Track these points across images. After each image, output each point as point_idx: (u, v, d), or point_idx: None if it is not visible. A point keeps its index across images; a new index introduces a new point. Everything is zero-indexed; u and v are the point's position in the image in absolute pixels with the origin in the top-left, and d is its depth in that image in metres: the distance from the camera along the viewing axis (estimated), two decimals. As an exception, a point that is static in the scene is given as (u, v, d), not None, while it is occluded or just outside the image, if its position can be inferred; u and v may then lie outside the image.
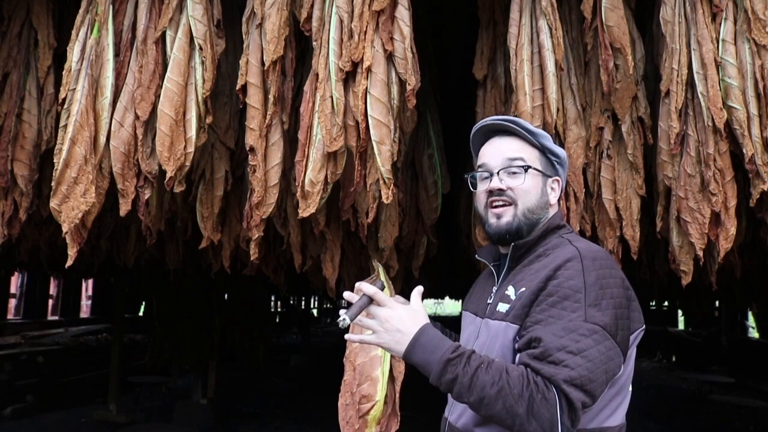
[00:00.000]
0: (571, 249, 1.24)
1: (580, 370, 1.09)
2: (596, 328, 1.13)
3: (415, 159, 2.73)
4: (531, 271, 1.27)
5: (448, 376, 1.13)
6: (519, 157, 1.34)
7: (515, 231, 1.32)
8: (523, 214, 1.32)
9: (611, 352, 1.14)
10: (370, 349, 1.47)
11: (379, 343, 1.21)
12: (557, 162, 1.40)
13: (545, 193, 1.36)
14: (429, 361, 1.15)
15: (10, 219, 2.34)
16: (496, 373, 1.11)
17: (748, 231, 2.46)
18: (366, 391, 1.41)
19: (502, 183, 1.33)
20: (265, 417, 7.36)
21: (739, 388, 8.56)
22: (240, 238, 2.55)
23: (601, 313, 1.15)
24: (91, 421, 6.79)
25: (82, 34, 1.94)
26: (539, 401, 1.08)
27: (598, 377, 1.12)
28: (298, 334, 15.01)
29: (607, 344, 1.14)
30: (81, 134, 1.85)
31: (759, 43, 1.81)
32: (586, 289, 1.17)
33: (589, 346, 1.12)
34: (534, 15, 1.99)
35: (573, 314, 1.14)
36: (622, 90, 2.04)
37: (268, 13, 1.92)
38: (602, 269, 1.21)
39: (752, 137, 1.81)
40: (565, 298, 1.17)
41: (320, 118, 1.83)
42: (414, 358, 1.17)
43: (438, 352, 1.15)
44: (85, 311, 12.52)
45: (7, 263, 6.35)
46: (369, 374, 1.43)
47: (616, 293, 1.19)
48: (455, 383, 1.12)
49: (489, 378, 1.10)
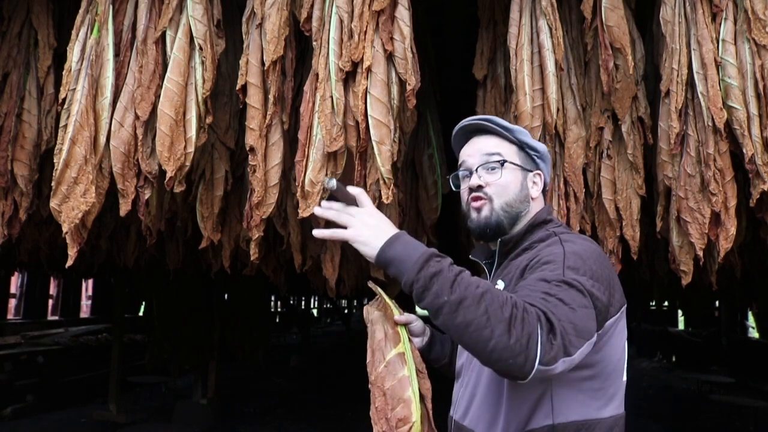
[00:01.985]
0: (555, 239, 1.25)
1: (559, 310, 1.04)
2: (575, 282, 1.09)
3: (415, 159, 2.74)
4: (517, 263, 1.28)
5: (430, 269, 1.04)
6: (495, 152, 1.36)
7: (495, 225, 1.33)
8: (501, 208, 1.33)
9: (588, 311, 1.08)
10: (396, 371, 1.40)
11: (355, 236, 1.14)
12: (537, 156, 1.41)
13: (525, 187, 1.36)
14: (409, 255, 1.08)
15: (10, 219, 2.34)
16: (481, 281, 1.05)
17: (748, 231, 2.45)
18: (401, 414, 1.36)
19: (480, 179, 1.34)
20: (265, 417, 7.36)
21: (739, 388, 8.56)
22: (240, 238, 2.55)
23: (579, 276, 1.11)
24: (91, 421, 6.79)
25: (82, 34, 1.94)
26: (520, 315, 1.00)
27: (580, 323, 1.05)
28: (298, 334, 15.01)
29: (584, 301, 1.08)
30: (81, 134, 1.85)
31: (759, 43, 1.81)
32: (565, 255, 1.16)
33: (568, 297, 1.06)
34: (534, 15, 2.00)
35: (552, 272, 1.12)
36: (622, 90, 2.04)
37: (268, 13, 1.92)
38: (582, 249, 1.20)
39: (752, 137, 1.81)
40: (545, 263, 1.16)
41: (320, 118, 1.83)
42: (391, 252, 1.10)
43: (421, 248, 1.09)
44: (85, 311, 12.51)
45: (7, 263, 6.34)
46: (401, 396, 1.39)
47: (595, 268, 1.16)
48: (437, 277, 1.03)
49: (474, 280, 1.05)
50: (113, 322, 7.80)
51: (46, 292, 10.90)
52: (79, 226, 1.90)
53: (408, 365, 1.42)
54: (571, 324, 1.03)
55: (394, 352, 1.40)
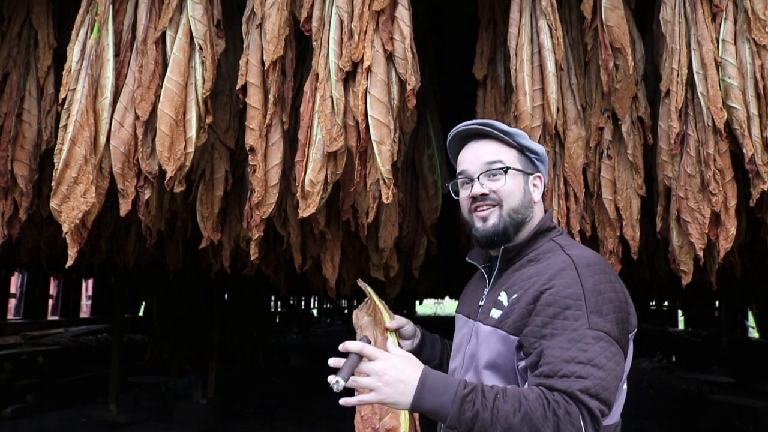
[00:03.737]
0: (564, 257, 1.24)
1: (593, 379, 1.09)
2: (601, 335, 1.13)
3: (415, 159, 2.74)
4: (523, 276, 1.27)
5: (467, 414, 1.07)
6: (497, 160, 1.34)
7: (502, 232, 1.32)
8: (509, 214, 1.32)
9: (617, 357, 1.14)
10: None
11: (382, 399, 1.11)
12: (536, 159, 1.39)
13: (528, 192, 1.35)
14: (442, 404, 1.09)
15: (10, 219, 2.34)
16: (515, 400, 1.08)
17: (748, 231, 2.45)
18: (389, 424, 1.38)
19: (483, 187, 1.33)
20: (265, 417, 7.36)
21: (739, 388, 8.56)
22: (240, 238, 2.55)
23: (603, 319, 1.14)
24: (91, 421, 6.79)
25: (82, 34, 1.94)
26: (563, 418, 1.06)
27: (611, 384, 1.11)
28: (298, 334, 15.01)
29: (613, 350, 1.13)
30: (81, 134, 1.85)
31: (759, 43, 1.81)
32: (585, 296, 1.16)
33: (597, 354, 1.11)
34: (534, 15, 1.99)
35: (576, 323, 1.13)
36: (622, 90, 2.04)
37: (268, 13, 1.92)
38: (597, 275, 1.20)
39: (752, 137, 1.81)
40: (566, 308, 1.15)
41: (320, 118, 1.83)
42: (425, 405, 1.10)
43: (449, 391, 1.09)
44: (85, 311, 12.51)
45: (7, 263, 6.35)
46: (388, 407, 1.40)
47: (614, 297, 1.19)
48: (476, 420, 1.07)
49: (509, 407, 1.07)
50: (113, 322, 7.80)
51: (46, 292, 10.91)
52: (79, 226, 1.90)
53: None
54: (608, 390, 1.10)
55: None
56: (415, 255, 2.81)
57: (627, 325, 1.20)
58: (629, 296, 1.25)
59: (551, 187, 2.15)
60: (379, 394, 1.11)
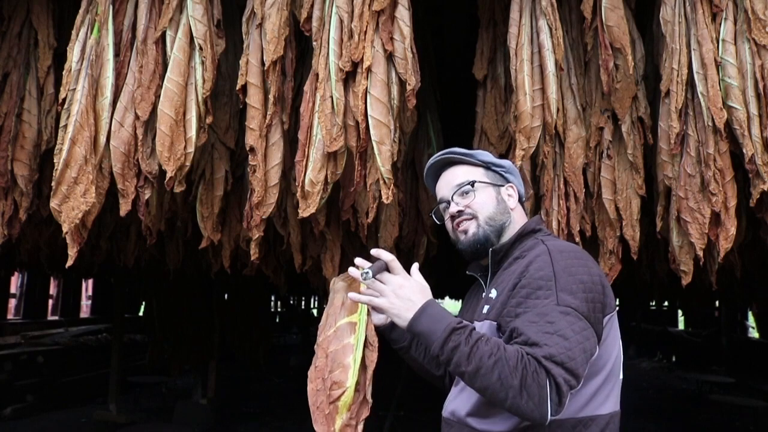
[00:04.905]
0: (542, 247, 1.33)
1: (558, 348, 1.15)
2: (568, 310, 1.20)
3: (415, 159, 2.74)
4: (509, 272, 1.36)
5: (450, 344, 1.18)
6: (465, 180, 1.46)
7: (483, 240, 1.42)
8: (486, 222, 1.43)
9: (586, 332, 1.20)
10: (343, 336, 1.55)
11: (389, 307, 1.27)
12: (504, 171, 1.51)
13: (501, 201, 1.47)
14: (434, 329, 1.21)
15: (10, 219, 2.34)
16: (494, 345, 1.17)
17: (748, 231, 2.45)
18: (337, 377, 1.46)
19: (459, 205, 1.45)
20: (265, 417, 7.36)
21: (739, 388, 8.56)
22: (240, 238, 2.55)
23: (572, 297, 1.22)
24: (91, 421, 6.79)
25: (82, 34, 1.94)
26: (531, 374, 1.13)
27: (577, 355, 1.17)
28: (298, 334, 15.00)
29: (581, 324, 1.20)
30: (81, 134, 1.85)
31: (759, 43, 1.81)
32: (555, 277, 1.24)
33: (564, 326, 1.18)
34: (534, 15, 1.99)
35: (546, 300, 1.22)
36: (622, 90, 2.04)
37: (268, 13, 1.92)
38: (570, 259, 1.28)
39: (752, 137, 1.81)
40: (538, 288, 1.24)
41: (320, 118, 1.83)
42: (419, 326, 1.24)
43: (444, 321, 1.22)
44: (85, 311, 12.50)
45: (7, 263, 6.35)
46: (341, 361, 1.49)
47: (587, 279, 1.25)
48: (456, 351, 1.18)
49: (488, 348, 1.16)
50: (113, 322, 7.80)
51: (46, 292, 10.89)
52: (79, 226, 1.90)
53: (357, 335, 1.52)
54: (575, 361, 1.16)
55: (346, 320, 1.50)
56: (415, 255, 2.82)
57: (600, 305, 1.26)
58: (607, 285, 1.31)
59: (551, 187, 2.15)
60: (388, 302, 1.27)
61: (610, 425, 1.28)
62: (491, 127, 2.38)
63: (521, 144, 1.97)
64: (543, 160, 2.13)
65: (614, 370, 1.31)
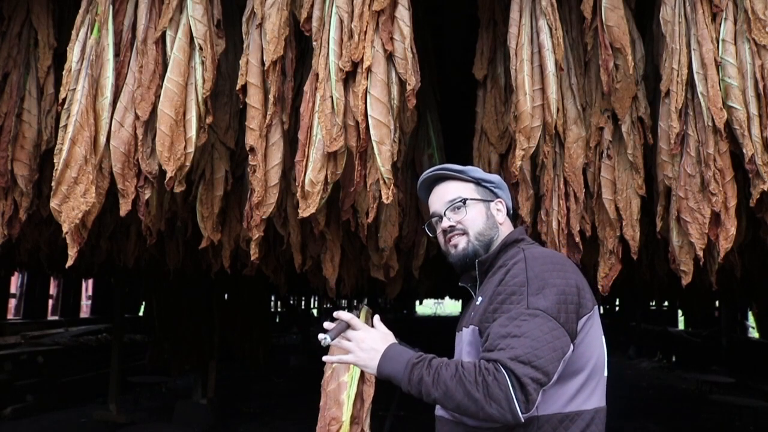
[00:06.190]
0: (520, 256, 1.39)
1: (524, 348, 1.21)
2: (537, 312, 1.26)
3: (415, 159, 2.74)
4: (493, 281, 1.42)
5: (414, 378, 1.26)
6: (457, 196, 1.53)
7: (472, 254, 1.50)
8: (476, 238, 1.50)
9: (555, 332, 1.25)
10: (339, 375, 1.71)
11: (356, 361, 1.35)
12: (493, 187, 1.58)
13: (491, 216, 1.54)
14: (397, 369, 1.29)
15: (10, 219, 2.34)
16: (453, 367, 1.25)
17: (748, 231, 2.45)
18: (334, 414, 1.62)
19: (450, 221, 1.52)
20: (265, 417, 7.36)
21: (739, 388, 8.56)
22: (240, 238, 2.55)
23: (543, 300, 1.28)
24: (91, 421, 6.79)
25: (82, 34, 1.94)
26: (491, 382, 1.20)
27: (546, 354, 1.22)
28: (298, 334, 15.00)
29: (550, 325, 1.25)
30: (81, 134, 1.85)
31: (759, 43, 1.81)
32: (528, 282, 1.31)
33: (531, 328, 1.24)
34: (534, 15, 1.99)
35: (517, 305, 1.29)
36: (622, 90, 2.04)
37: (268, 13, 1.92)
38: (546, 265, 1.35)
39: (752, 137, 1.81)
40: (512, 293, 1.32)
41: (320, 118, 1.83)
42: (385, 370, 1.31)
43: (403, 359, 1.30)
44: (85, 311, 12.49)
45: (7, 263, 6.34)
46: (336, 398, 1.65)
47: (561, 283, 1.31)
48: (422, 383, 1.26)
49: (448, 372, 1.24)
50: (113, 322, 7.80)
51: (46, 292, 10.89)
52: (79, 226, 1.90)
53: (351, 372, 1.69)
54: (543, 359, 1.22)
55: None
56: (415, 255, 2.82)
57: (575, 306, 1.31)
58: (585, 288, 1.36)
59: (551, 187, 2.15)
60: (354, 357, 1.36)
61: (595, 420, 1.33)
62: (491, 127, 2.39)
63: (521, 144, 1.97)
64: (543, 160, 2.13)
65: (597, 368, 1.37)
